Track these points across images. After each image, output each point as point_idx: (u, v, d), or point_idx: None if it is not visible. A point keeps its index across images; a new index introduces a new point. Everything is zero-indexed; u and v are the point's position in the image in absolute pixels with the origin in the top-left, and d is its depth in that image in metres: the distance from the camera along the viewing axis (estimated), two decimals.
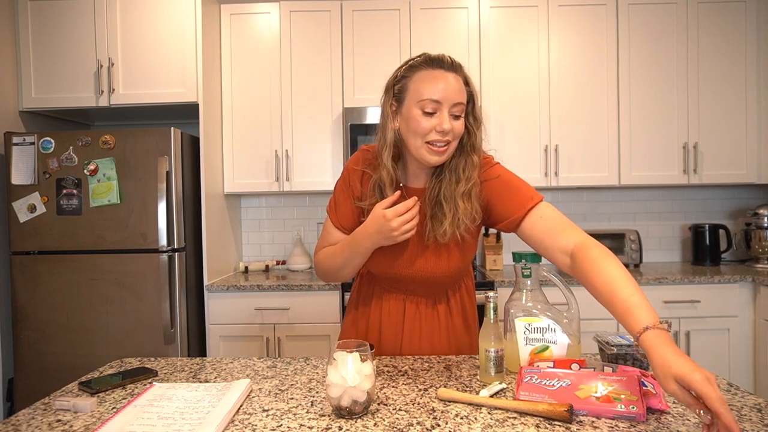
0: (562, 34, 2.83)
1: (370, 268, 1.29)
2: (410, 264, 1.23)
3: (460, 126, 1.13)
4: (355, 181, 1.26)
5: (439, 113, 1.10)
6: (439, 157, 1.13)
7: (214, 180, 2.77)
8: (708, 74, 2.82)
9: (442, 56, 1.14)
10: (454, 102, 1.10)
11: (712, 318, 2.55)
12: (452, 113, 1.11)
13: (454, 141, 1.13)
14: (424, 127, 1.10)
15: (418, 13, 2.82)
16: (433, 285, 1.26)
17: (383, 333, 1.30)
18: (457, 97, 1.11)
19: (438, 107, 1.10)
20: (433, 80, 1.10)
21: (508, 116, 2.84)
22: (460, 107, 1.12)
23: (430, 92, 1.10)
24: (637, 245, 2.88)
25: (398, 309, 1.29)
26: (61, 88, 2.64)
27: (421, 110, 1.11)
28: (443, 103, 1.10)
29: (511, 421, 0.87)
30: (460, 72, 1.14)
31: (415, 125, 1.11)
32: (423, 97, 1.10)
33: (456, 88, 1.11)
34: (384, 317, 1.30)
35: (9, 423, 0.91)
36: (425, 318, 1.29)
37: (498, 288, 2.55)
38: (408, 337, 1.28)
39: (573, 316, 1.10)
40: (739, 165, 2.83)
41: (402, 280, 1.25)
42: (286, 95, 2.86)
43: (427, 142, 1.11)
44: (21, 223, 2.44)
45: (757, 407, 0.91)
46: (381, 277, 1.29)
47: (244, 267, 3.02)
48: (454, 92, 1.10)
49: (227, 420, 0.89)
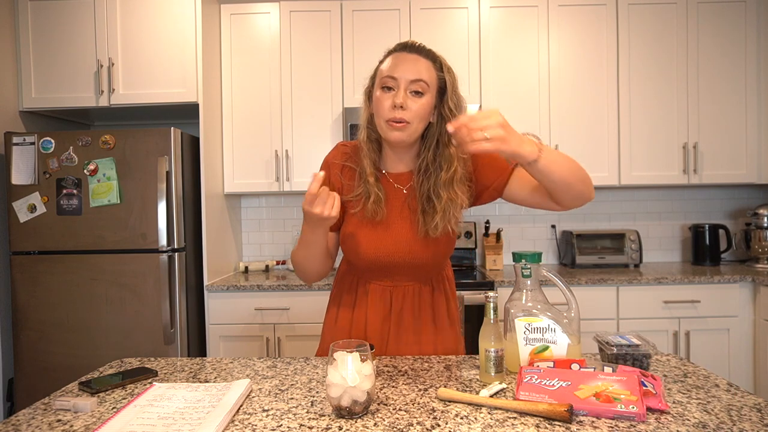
0: (562, 34, 2.83)
1: (357, 258, 1.26)
2: (398, 250, 1.23)
3: (420, 104, 1.14)
4: (335, 174, 1.27)
5: (397, 90, 1.14)
6: (398, 133, 1.15)
7: (214, 180, 2.77)
8: (708, 74, 2.82)
9: (412, 42, 1.19)
10: (411, 79, 1.13)
11: (712, 318, 2.55)
12: (411, 90, 1.14)
13: (415, 120, 1.15)
14: (383, 104, 1.15)
15: (418, 13, 2.83)
16: (420, 271, 1.27)
17: (369, 325, 1.28)
18: (413, 75, 1.13)
19: (395, 83, 1.14)
20: (393, 60, 1.16)
21: (508, 116, 2.78)
22: (418, 84, 1.13)
23: (388, 70, 1.15)
24: (637, 245, 2.89)
25: (385, 302, 1.27)
26: (61, 88, 2.64)
27: (381, 88, 1.16)
28: (399, 79, 1.13)
29: (511, 421, 0.87)
30: (428, 55, 1.17)
31: (376, 102, 1.17)
32: (383, 75, 1.16)
33: (414, 66, 1.14)
34: (370, 310, 1.28)
35: (9, 423, 0.92)
36: (412, 309, 1.28)
37: (498, 288, 2.55)
38: (395, 330, 1.27)
39: (573, 316, 1.10)
40: (739, 165, 2.83)
41: (389, 267, 1.25)
42: (286, 95, 2.86)
43: (387, 120, 1.15)
44: (21, 223, 2.44)
45: (757, 407, 0.91)
46: (366, 269, 1.27)
47: (244, 267, 3.02)
48: (411, 70, 1.13)
49: (227, 420, 0.89)
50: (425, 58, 1.16)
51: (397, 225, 1.23)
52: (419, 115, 1.15)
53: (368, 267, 1.27)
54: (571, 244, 2.92)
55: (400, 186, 1.27)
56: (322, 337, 1.38)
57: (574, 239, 2.92)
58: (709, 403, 0.93)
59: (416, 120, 1.15)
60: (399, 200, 1.26)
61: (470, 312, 2.46)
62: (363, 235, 1.24)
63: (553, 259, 3.19)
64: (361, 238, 1.24)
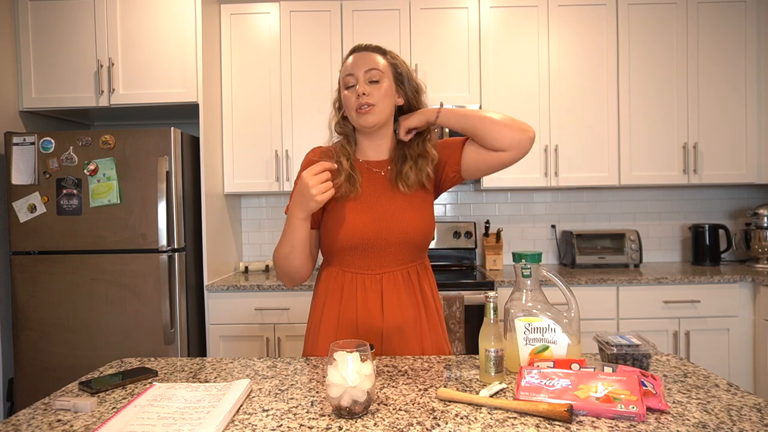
0: (562, 34, 2.83)
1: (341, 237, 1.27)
2: (378, 224, 1.27)
3: (379, 88, 1.27)
4: None
5: (358, 83, 1.27)
6: (368, 117, 1.26)
7: (214, 180, 2.77)
8: (708, 74, 2.82)
9: (360, 44, 1.34)
10: (366, 68, 1.27)
11: (712, 318, 2.55)
12: (368, 78, 1.27)
13: (380, 102, 1.27)
14: (349, 99, 1.28)
15: (418, 13, 2.83)
16: (404, 249, 1.29)
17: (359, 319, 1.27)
18: (367, 65, 1.27)
19: (354, 79, 1.27)
20: (350, 61, 1.30)
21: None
22: (372, 72, 1.27)
23: (345, 70, 1.30)
24: (637, 245, 2.89)
25: (375, 291, 1.28)
26: (61, 88, 2.64)
27: (345, 88, 1.30)
28: (355, 73, 1.27)
29: (511, 421, 0.87)
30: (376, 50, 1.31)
31: (345, 101, 1.30)
32: (343, 76, 1.30)
33: (366, 60, 1.28)
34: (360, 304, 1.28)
35: (9, 423, 0.92)
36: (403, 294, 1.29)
37: (498, 288, 2.55)
38: (388, 318, 1.27)
39: (573, 316, 1.10)
40: (739, 165, 2.83)
41: (371, 244, 1.27)
42: (286, 95, 2.86)
43: (355, 108, 1.27)
44: (21, 223, 2.44)
45: (757, 407, 0.91)
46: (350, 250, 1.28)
47: (244, 267, 3.02)
48: (364, 62, 1.28)
49: (227, 420, 0.89)
50: (374, 52, 1.31)
51: (375, 201, 1.30)
52: (383, 96, 1.27)
53: (353, 249, 1.27)
54: (571, 244, 2.93)
55: (378, 170, 1.34)
56: (307, 338, 1.37)
57: (574, 239, 2.92)
58: (709, 403, 0.93)
59: (381, 100, 1.27)
60: (376, 181, 1.32)
61: (470, 312, 2.46)
62: (344, 215, 1.28)
63: (553, 259, 3.19)
64: (342, 218, 1.28)
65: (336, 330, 1.30)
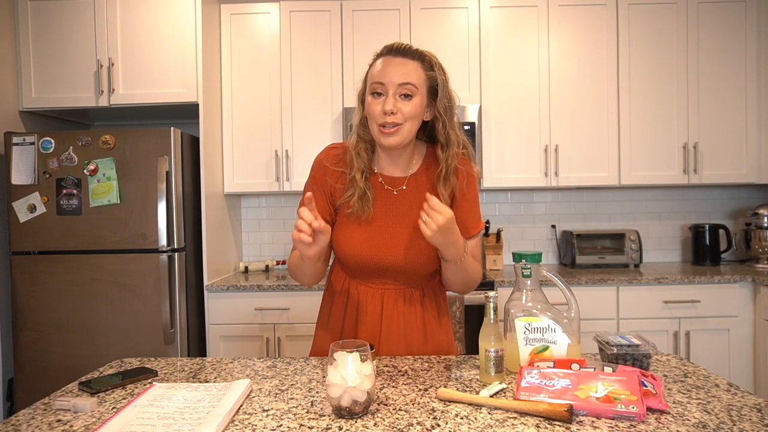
0: (562, 34, 2.83)
1: (346, 258, 1.27)
2: (384, 251, 1.23)
3: (410, 107, 1.16)
4: (330, 179, 1.27)
5: (386, 95, 1.15)
6: (391, 138, 1.17)
7: (214, 180, 2.77)
8: (708, 74, 2.82)
9: (398, 44, 1.20)
10: (399, 83, 1.15)
11: (712, 318, 2.55)
12: (400, 93, 1.15)
13: (407, 122, 1.16)
14: (374, 109, 1.16)
15: (418, 13, 2.83)
16: (409, 275, 1.26)
17: (360, 326, 1.28)
18: (401, 78, 1.15)
19: (384, 89, 1.16)
20: (381, 65, 1.17)
21: (508, 116, 2.84)
22: (406, 87, 1.15)
23: (377, 75, 1.17)
24: (637, 245, 2.88)
25: (375, 305, 1.27)
26: (61, 88, 2.64)
27: (371, 94, 1.18)
28: (387, 84, 1.15)
29: (511, 421, 0.87)
30: (414, 55, 1.18)
31: (368, 108, 1.18)
32: (372, 81, 1.18)
33: (402, 70, 1.15)
34: (361, 315, 1.28)
35: (9, 423, 0.91)
36: (403, 313, 1.28)
37: (498, 288, 2.55)
38: (386, 332, 1.27)
39: (573, 316, 1.10)
40: (739, 165, 2.83)
41: (376, 268, 1.25)
42: (286, 95, 2.86)
43: (379, 124, 1.16)
44: (21, 223, 2.44)
45: (757, 407, 0.91)
46: (356, 269, 1.27)
47: (244, 267, 3.02)
48: (398, 74, 1.15)
49: (227, 420, 0.89)
50: (412, 59, 1.18)
51: (385, 226, 1.24)
52: (411, 116, 1.17)
53: (357, 267, 1.27)
54: (571, 244, 2.92)
55: (390, 188, 1.27)
56: (314, 338, 1.38)
57: (574, 239, 2.92)
58: (709, 403, 0.93)
59: (409, 119, 1.17)
60: (388, 202, 1.26)
61: (470, 312, 2.46)
62: (351, 234, 1.24)
63: (553, 259, 3.19)
64: (349, 237, 1.24)
65: (341, 333, 1.31)
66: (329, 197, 1.28)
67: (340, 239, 1.26)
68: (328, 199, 1.28)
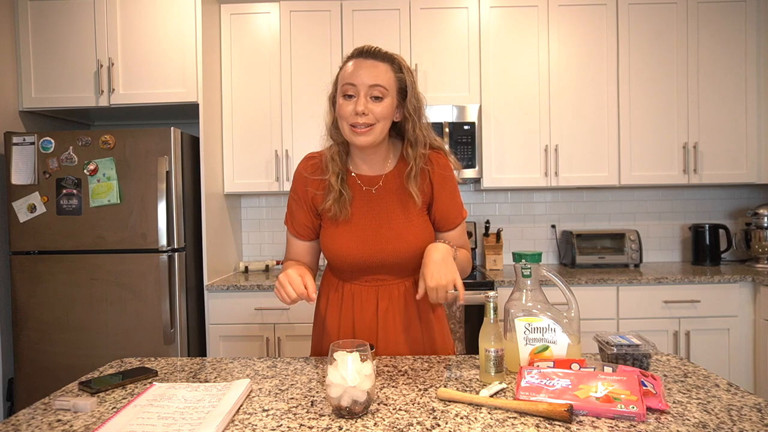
0: (562, 34, 2.83)
1: (333, 259, 1.29)
2: (366, 249, 1.25)
3: (381, 108, 1.18)
4: (311, 188, 1.30)
5: (357, 97, 1.18)
6: (363, 137, 1.19)
7: (214, 180, 2.77)
8: (708, 74, 2.82)
9: (368, 46, 1.23)
10: (370, 84, 1.17)
11: (712, 318, 2.55)
12: (371, 95, 1.18)
13: (379, 122, 1.19)
14: (345, 110, 1.19)
15: (418, 13, 2.82)
16: (396, 268, 1.28)
17: (356, 324, 1.29)
18: (372, 80, 1.17)
19: (355, 90, 1.18)
20: (352, 67, 1.20)
21: (508, 116, 2.84)
22: (377, 89, 1.18)
23: (348, 77, 1.19)
24: (637, 245, 2.88)
25: (371, 302, 1.29)
26: (61, 88, 2.63)
27: (342, 95, 1.20)
28: (358, 86, 1.17)
29: (511, 421, 0.87)
30: (384, 58, 1.21)
31: (339, 109, 1.21)
32: (343, 83, 1.20)
33: (372, 72, 1.18)
34: (357, 313, 1.29)
35: (9, 423, 0.91)
36: (398, 307, 1.29)
37: (498, 288, 2.55)
38: (383, 329, 1.28)
39: (573, 316, 1.10)
40: (739, 165, 2.83)
41: (364, 266, 1.27)
42: (286, 95, 2.86)
43: (351, 125, 1.19)
44: (21, 223, 2.44)
45: (757, 407, 0.91)
46: (345, 270, 1.29)
47: (244, 267, 3.02)
48: (369, 75, 1.17)
49: (227, 420, 0.89)
50: (382, 61, 1.20)
51: (368, 224, 1.26)
52: (382, 117, 1.19)
53: (348, 268, 1.29)
54: (571, 244, 2.92)
55: (368, 187, 1.29)
56: (312, 338, 1.40)
57: (574, 239, 2.92)
58: (709, 403, 0.93)
59: (380, 120, 1.19)
60: (369, 201, 1.28)
61: (470, 312, 2.46)
62: (337, 236, 1.27)
63: (553, 259, 3.19)
64: (335, 240, 1.27)
65: (338, 333, 1.32)
66: (311, 207, 1.31)
67: (328, 243, 1.29)
68: (311, 209, 1.32)
